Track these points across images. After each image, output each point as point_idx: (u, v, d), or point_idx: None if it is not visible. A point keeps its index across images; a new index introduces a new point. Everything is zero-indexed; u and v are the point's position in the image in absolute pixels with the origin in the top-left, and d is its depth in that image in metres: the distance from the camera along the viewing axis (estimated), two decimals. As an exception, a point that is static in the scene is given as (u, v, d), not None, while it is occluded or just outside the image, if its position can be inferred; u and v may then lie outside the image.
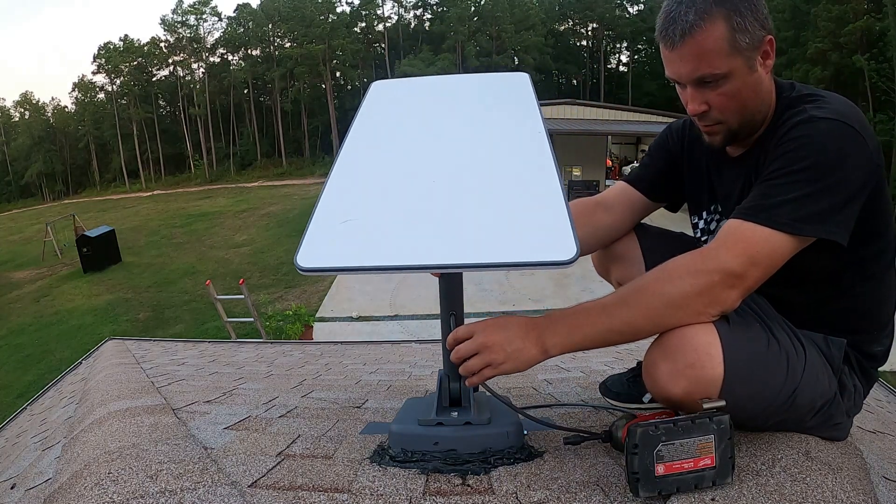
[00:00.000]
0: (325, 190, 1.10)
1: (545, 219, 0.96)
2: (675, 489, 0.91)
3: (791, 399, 1.08)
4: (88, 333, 14.91)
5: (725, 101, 1.16)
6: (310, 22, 53.58)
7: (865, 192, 1.08)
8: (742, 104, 1.17)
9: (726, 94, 1.15)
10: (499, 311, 12.68)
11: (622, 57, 61.48)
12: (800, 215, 1.03)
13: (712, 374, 1.02)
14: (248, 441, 1.30)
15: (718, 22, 1.09)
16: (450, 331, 1.19)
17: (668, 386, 1.05)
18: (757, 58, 1.14)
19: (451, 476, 1.05)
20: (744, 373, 1.04)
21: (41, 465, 1.39)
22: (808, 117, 1.08)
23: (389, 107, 1.41)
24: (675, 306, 1.04)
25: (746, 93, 1.16)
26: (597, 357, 2.78)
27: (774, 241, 1.04)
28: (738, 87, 1.14)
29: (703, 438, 0.92)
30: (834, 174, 1.04)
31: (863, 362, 1.21)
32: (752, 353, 1.07)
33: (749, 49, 1.12)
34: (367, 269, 0.94)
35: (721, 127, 1.22)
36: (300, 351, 4.32)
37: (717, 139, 1.25)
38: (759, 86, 1.17)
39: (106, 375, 2.50)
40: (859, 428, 1.34)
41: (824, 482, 0.93)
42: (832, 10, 28.91)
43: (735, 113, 1.18)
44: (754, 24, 1.11)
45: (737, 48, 1.11)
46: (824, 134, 1.05)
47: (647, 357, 1.11)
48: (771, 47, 1.15)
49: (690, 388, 1.02)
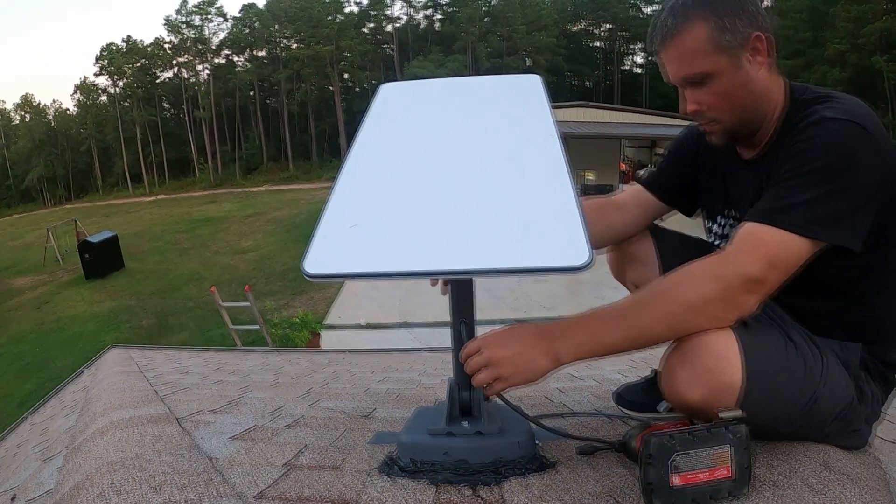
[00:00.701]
0: (333, 195, 1.09)
1: (557, 224, 0.95)
2: (691, 500, 0.90)
3: (810, 404, 1.06)
4: (90, 341, 14.90)
5: (715, 99, 1.18)
6: (317, 22, 53.62)
7: (879, 196, 1.07)
8: (733, 102, 1.18)
9: (715, 92, 1.17)
10: (511, 318, 12.63)
11: (637, 58, 61.54)
12: (813, 217, 1.03)
13: (731, 380, 1.01)
14: (254, 451, 1.28)
15: (698, 23, 1.13)
16: (460, 339, 1.18)
17: (686, 392, 1.04)
18: (744, 55, 1.15)
19: (461, 487, 1.04)
20: (763, 378, 1.02)
21: (42, 476, 1.38)
22: (819, 118, 1.08)
23: (398, 110, 1.40)
24: (694, 311, 1.03)
25: (736, 91, 1.17)
26: (610, 365, 2.76)
27: (792, 245, 1.03)
28: (726, 85, 1.16)
29: (720, 448, 0.91)
30: (844, 176, 1.03)
31: (881, 368, 1.19)
32: (771, 357, 1.06)
33: (734, 47, 1.13)
34: (375, 275, 0.93)
35: (717, 126, 1.23)
36: (307, 359, 4.31)
37: (715, 138, 1.27)
38: (750, 83, 1.17)
39: (108, 384, 2.49)
40: (880, 438, 1.32)
41: (843, 493, 0.91)
42: (851, 11, 28.83)
43: (728, 111, 1.20)
44: (738, 23, 1.13)
45: (720, 47, 1.13)
46: (835, 135, 1.05)
47: (664, 364, 1.10)
48: (761, 44, 1.15)
49: (709, 394, 1.01)
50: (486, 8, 55.83)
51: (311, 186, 42.73)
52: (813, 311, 1.19)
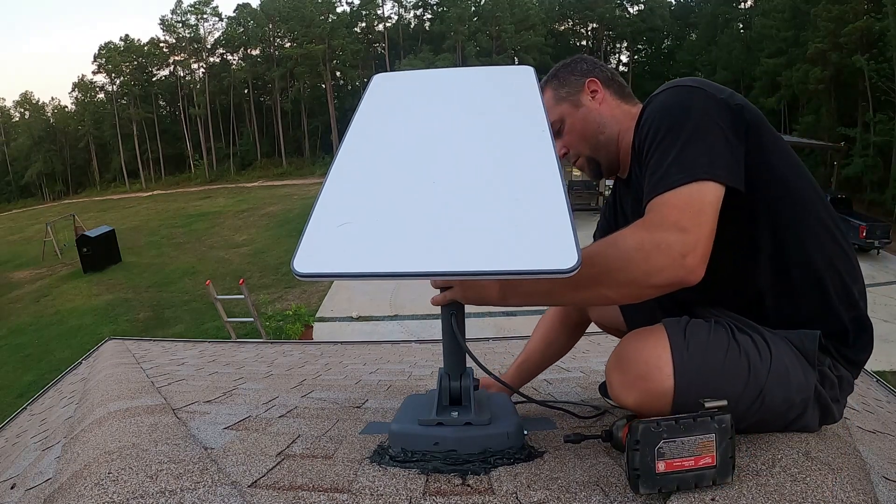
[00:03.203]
0: (323, 192, 1.08)
1: (547, 226, 0.94)
2: (676, 487, 0.91)
3: (759, 401, 1.08)
4: (88, 333, 14.91)
5: (570, 137, 1.46)
6: (310, 22, 53.49)
7: (733, 132, 1.12)
8: (583, 134, 1.44)
9: (569, 132, 1.46)
10: (499, 311, 12.67)
11: (622, 57, 61.46)
12: (688, 164, 1.07)
13: (662, 387, 1.04)
14: (248, 441, 1.30)
15: (547, 90, 1.48)
16: (451, 330, 1.19)
17: (621, 396, 1.10)
18: (583, 97, 1.44)
19: (451, 476, 1.05)
20: (697, 383, 1.05)
21: (41, 465, 1.39)
22: (648, 101, 1.23)
23: (390, 102, 1.39)
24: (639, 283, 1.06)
25: (580, 124, 1.44)
26: (597, 357, 2.78)
27: (691, 194, 1.06)
28: (571, 123, 1.45)
29: (705, 437, 0.92)
30: (685, 125, 1.11)
31: (843, 350, 1.19)
32: (706, 364, 1.07)
33: (572, 94, 1.45)
34: (364, 275, 0.92)
35: (582, 160, 1.48)
36: (300, 351, 4.32)
37: (587, 171, 1.50)
38: (591, 114, 1.44)
39: (106, 375, 2.50)
40: (859, 428, 1.34)
41: (824, 482, 0.92)
42: (832, 10, 28.88)
43: (582, 144, 1.45)
44: (572, 78, 1.47)
45: (561, 98, 1.46)
46: (664, 101, 1.18)
47: (606, 365, 1.16)
48: (595, 84, 1.45)
49: (641, 398, 1.07)
50: (475, 7, 55.58)
51: (303, 182, 42.65)
52: (756, 310, 1.21)
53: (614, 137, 1.43)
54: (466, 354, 1.21)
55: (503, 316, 12.53)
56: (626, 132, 1.39)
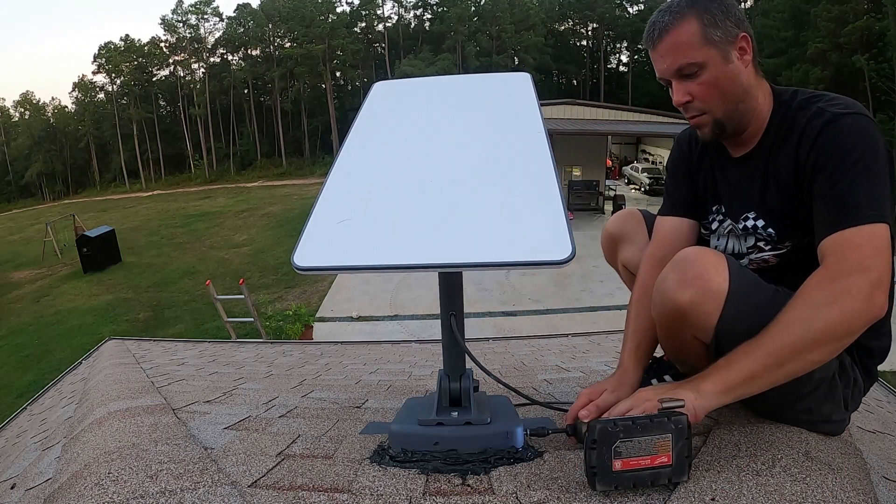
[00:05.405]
0: (324, 190, 1.10)
1: (542, 220, 0.97)
2: (632, 484, 0.94)
3: None
4: (88, 333, 14.92)
5: (705, 89, 1.25)
6: (310, 22, 53.65)
7: (890, 173, 1.13)
8: (721, 92, 1.25)
9: (705, 83, 1.25)
10: (499, 311, 12.70)
11: (622, 57, 61.78)
12: (877, 203, 1.09)
13: (718, 287, 1.08)
14: (248, 441, 1.30)
15: (691, 19, 1.22)
16: (450, 330, 1.19)
17: (675, 294, 1.11)
18: (732, 51, 1.23)
19: (451, 476, 1.05)
20: (746, 294, 1.09)
21: (41, 466, 1.39)
22: (832, 116, 1.15)
23: (390, 107, 1.41)
24: (836, 335, 1.04)
25: (724, 81, 1.24)
26: (597, 357, 2.78)
27: (876, 233, 1.07)
28: (715, 76, 1.24)
29: (661, 437, 0.94)
30: (878, 162, 1.11)
31: (863, 356, 1.22)
32: (758, 285, 1.14)
33: (722, 42, 1.22)
34: (364, 268, 0.94)
35: (706, 117, 1.29)
36: (300, 351, 4.32)
37: (705, 131, 1.32)
38: (737, 76, 1.24)
39: (106, 375, 2.50)
40: (859, 428, 1.34)
41: (824, 482, 0.93)
42: (832, 10, 28.98)
43: (716, 101, 1.26)
44: (726, 21, 1.22)
45: (710, 40, 1.22)
46: (854, 128, 1.13)
47: (659, 275, 1.17)
48: (747, 44, 1.24)
49: (696, 296, 1.09)
50: (475, 7, 55.80)
51: (303, 182, 42.76)
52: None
53: (749, 112, 1.28)
54: (466, 355, 1.21)
55: (503, 316, 12.56)
56: (762, 110, 1.28)
